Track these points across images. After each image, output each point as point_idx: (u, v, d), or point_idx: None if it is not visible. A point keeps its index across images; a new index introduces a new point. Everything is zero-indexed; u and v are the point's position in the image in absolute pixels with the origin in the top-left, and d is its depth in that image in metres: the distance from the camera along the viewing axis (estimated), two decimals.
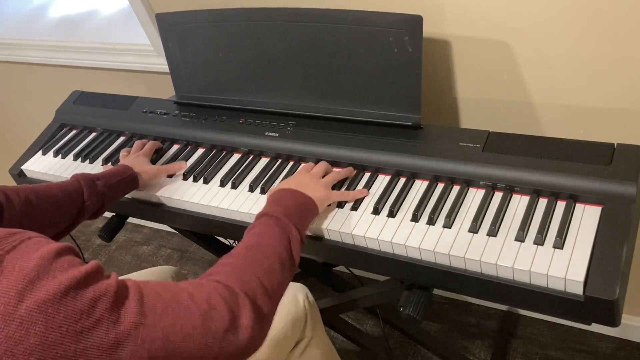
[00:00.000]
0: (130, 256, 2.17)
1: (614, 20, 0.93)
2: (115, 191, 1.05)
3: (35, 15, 2.01)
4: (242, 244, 0.77)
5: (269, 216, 0.83)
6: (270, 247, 0.76)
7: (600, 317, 0.75)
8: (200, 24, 1.18)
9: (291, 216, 0.83)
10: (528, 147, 0.92)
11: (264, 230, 0.80)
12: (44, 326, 0.52)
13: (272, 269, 0.74)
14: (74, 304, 0.54)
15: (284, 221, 0.81)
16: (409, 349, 1.60)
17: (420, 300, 0.89)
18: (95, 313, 0.55)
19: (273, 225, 0.81)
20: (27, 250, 0.55)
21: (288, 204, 0.86)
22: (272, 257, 0.75)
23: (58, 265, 0.56)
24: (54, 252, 0.57)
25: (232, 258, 0.74)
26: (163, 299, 0.61)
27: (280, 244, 0.78)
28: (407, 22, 0.97)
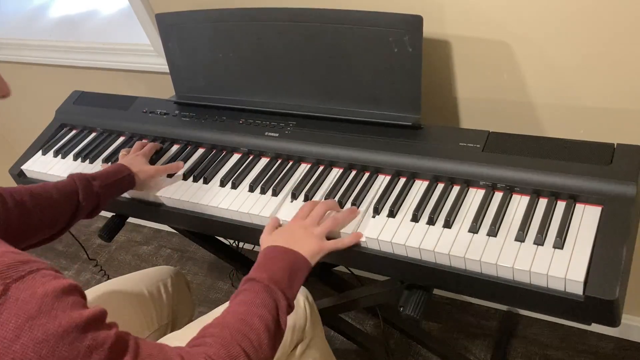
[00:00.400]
0: (130, 256, 2.17)
1: (613, 20, 0.93)
2: (111, 191, 1.05)
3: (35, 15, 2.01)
4: (227, 313, 0.75)
5: (256, 282, 0.80)
6: (257, 319, 0.74)
7: (600, 317, 0.75)
8: (200, 24, 1.18)
9: (280, 282, 0.80)
10: (528, 147, 0.92)
11: (250, 299, 0.77)
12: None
13: (259, 343, 0.72)
14: (70, 349, 0.53)
15: (272, 288, 0.79)
16: (409, 349, 1.60)
17: (420, 300, 0.89)
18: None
19: (260, 292, 0.78)
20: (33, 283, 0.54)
21: (277, 266, 0.83)
22: (259, 330, 0.73)
23: (61, 305, 0.55)
24: (59, 291, 0.56)
25: (217, 328, 0.71)
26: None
27: (267, 315, 0.75)
28: (407, 22, 0.97)
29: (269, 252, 0.86)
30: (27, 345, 0.51)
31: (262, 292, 0.78)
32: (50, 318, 0.53)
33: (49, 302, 0.54)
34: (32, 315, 0.52)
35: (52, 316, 0.53)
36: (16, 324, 0.51)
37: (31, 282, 0.54)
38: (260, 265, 0.84)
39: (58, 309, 0.54)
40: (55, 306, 0.54)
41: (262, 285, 0.79)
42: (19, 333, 0.51)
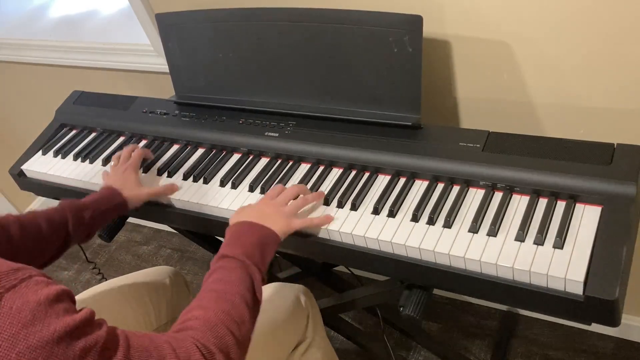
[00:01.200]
0: (130, 256, 2.17)
1: (613, 20, 0.93)
2: (102, 220, 1.03)
3: (35, 15, 2.01)
4: (205, 293, 0.76)
5: (229, 258, 0.81)
6: (236, 295, 0.75)
7: (600, 317, 0.75)
8: (200, 24, 1.18)
9: (251, 255, 0.82)
10: (528, 147, 0.92)
11: (227, 276, 0.78)
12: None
13: (241, 318, 0.73)
14: (65, 353, 0.55)
15: (247, 263, 0.80)
16: (409, 349, 1.60)
17: (420, 300, 0.89)
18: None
19: (235, 268, 0.79)
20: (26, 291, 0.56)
21: (248, 240, 0.85)
22: (240, 306, 0.74)
23: (54, 312, 0.56)
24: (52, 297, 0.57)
25: (201, 310, 0.72)
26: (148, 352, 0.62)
27: (245, 289, 0.77)
28: (407, 22, 0.97)
29: (239, 227, 0.88)
30: (24, 353, 0.52)
31: (237, 268, 0.79)
32: (44, 325, 0.54)
33: (42, 310, 0.55)
34: (26, 323, 0.53)
35: (47, 323, 0.55)
36: (11, 333, 0.52)
37: (24, 291, 0.56)
38: (231, 240, 0.85)
39: (51, 316, 0.55)
40: (48, 313, 0.56)
41: (237, 261, 0.80)
42: (15, 341, 0.52)
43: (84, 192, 1.21)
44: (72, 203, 1.00)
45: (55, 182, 1.26)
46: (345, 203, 0.97)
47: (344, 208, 0.96)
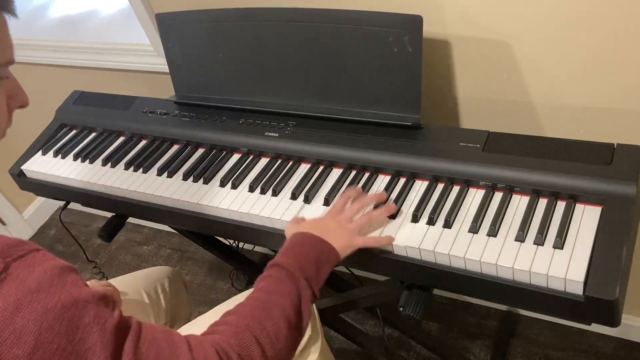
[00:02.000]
0: (130, 256, 2.17)
1: (614, 20, 0.93)
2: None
3: (35, 15, 2.01)
4: (247, 300, 0.73)
5: (280, 268, 0.77)
6: (278, 308, 0.71)
7: (600, 317, 0.75)
8: (200, 24, 1.18)
9: (305, 269, 0.77)
10: (528, 147, 0.92)
11: (273, 286, 0.74)
12: (35, 338, 0.52)
13: (276, 333, 0.69)
14: (70, 324, 0.54)
15: (297, 276, 0.75)
16: (409, 349, 1.60)
17: (420, 300, 0.89)
18: (89, 339, 0.55)
19: (284, 280, 0.75)
20: (33, 262, 0.56)
21: (305, 252, 0.79)
22: (278, 319, 0.70)
23: (61, 282, 0.56)
24: (59, 268, 0.57)
25: (236, 315, 0.70)
26: (159, 347, 0.60)
27: (289, 304, 0.72)
28: (407, 22, 0.97)
29: (298, 238, 0.83)
30: (27, 319, 0.52)
31: (285, 279, 0.75)
32: (49, 294, 0.54)
33: (49, 279, 0.55)
34: (31, 290, 0.53)
35: (52, 292, 0.54)
36: (16, 298, 0.52)
37: (31, 260, 0.56)
38: (287, 250, 0.81)
39: (57, 286, 0.55)
40: (55, 282, 0.55)
41: (287, 272, 0.76)
42: (19, 306, 0.52)
43: (84, 192, 1.21)
44: None
45: (55, 182, 1.26)
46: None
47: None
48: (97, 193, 1.19)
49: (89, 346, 0.55)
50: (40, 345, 0.52)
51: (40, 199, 2.44)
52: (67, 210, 1.34)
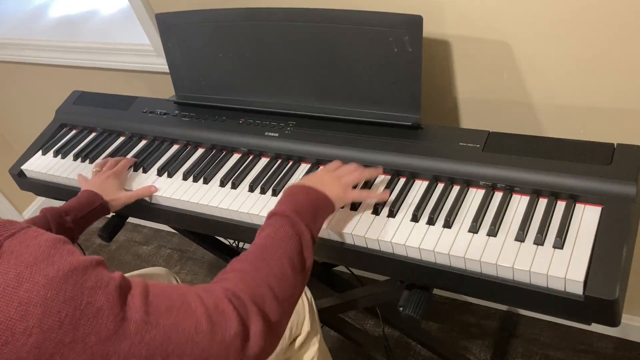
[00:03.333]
0: (130, 256, 2.17)
1: (614, 20, 0.93)
2: (84, 223, 1.04)
3: (35, 15, 2.01)
4: (252, 247, 0.75)
5: (279, 215, 0.80)
6: (280, 251, 0.74)
7: (600, 317, 0.75)
8: (200, 24, 1.18)
9: (302, 214, 0.80)
10: (528, 147, 0.92)
11: (274, 232, 0.77)
12: (42, 309, 0.53)
13: (282, 274, 0.71)
14: (74, 290, 0.55)
15: (295, 220, 0.78)
16: (409, 349, 1.60)
17: (420, 300, 0.89)
18: (96, 302, 0.55)
19: (284, 225, 0.78)
20: (25, 237, 0.57)
21: (300, 200, 0.83)
22: (282, 262, 0.73)
23: (57, 252, 0.57)
24: (52, 241, 0.58)
25: (242, 263, 0.72)
26: (169, 298, 0.61)
27: (291, 247, 0.75)
28: (407, 22, 0.97)
29: (293, 189, 0.86)
30: (31, 290, 0.53)
31: (285, 225, 0.78)
32: (48, 264, 0.55)
33: (44, 251, 0.56)
34: (29, 263, 0.54)
35: (50, 262, 0.55)
36: (16, 272, 0.53)
37: (23, 237, 0.57)
38: (284, 200, 0.84)
39: (55, 256, 0.56)
40: (51, 253, 0.56)
41: (286, 218, 0.78)
42: (20, 280, 0.53)
43: None
44: (53, 210, 1.00)
45: (55, 182, 1.26)
46: None
47: (344, 208, 0.96)
48: None
49: (97, 308, 0.55)
50: (49, 314, 0.53)
51: (40, 198, 2.44)
52: None
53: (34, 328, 0.52)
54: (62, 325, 0.53)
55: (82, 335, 0.54)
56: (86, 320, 0.54)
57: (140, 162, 1.19)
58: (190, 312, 0.61)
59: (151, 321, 0.58)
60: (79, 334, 0.54)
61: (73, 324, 0.54)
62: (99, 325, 0.55)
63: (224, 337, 0.61)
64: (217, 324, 0.61)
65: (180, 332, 0.59)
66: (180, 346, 0.59)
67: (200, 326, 0.60)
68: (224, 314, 0.62)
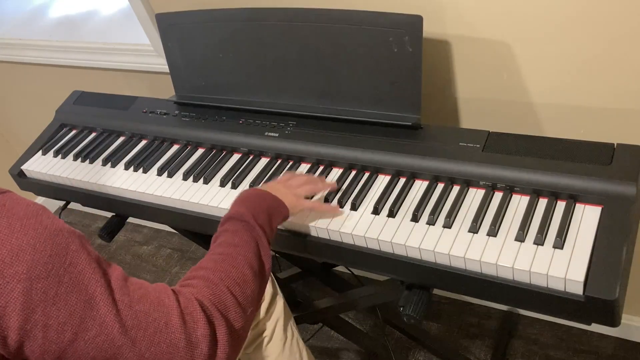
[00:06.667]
0: (130, 256, 2.17)
1: (613, 20, 0.93)
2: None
3: (35, 15, 2.01)
4: (209, 255, 0.75)
5: (235, 220, 0.80)
6: (240, 257, 0.74)
7: (600, 317, 0.75)
8: (200, 24, 1.18)
9: (258, 217, 0.81)
10: (528, 147, 0.92)
11: (232, 238, 0.77)
12: (31, 256, 0.56)
13: (243, 281, 0.72)
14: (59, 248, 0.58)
15: (251, 223, 0.79)
16: (409, 349, 1.60)
17: (420, 300, 0.89)
18: (78, 264, 0.58)
19: (240, 230, 0.78)
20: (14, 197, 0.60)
21: (255, 203, 0.83)
22: (243, 268, 0.73)
23: (45, 214, 0.60)
24: (39, 205, 0.61)
25: (202, 270, 0.72)
26: (145, 289, 0.64)
27: (249, 252, 0.76)
28: (407, 22, 0.97)
29: (248, 192, 0.87)
30: (22, 239, 0.56)
31: (242, 229, 0.78)
32: (37, 220, 0.58)
33: (34, 210, 0.59)
34: (21, 216, 0.57)
35: (39, 219, 0.58)
36: (8, 222, 0.57)
37: (12, 195, 0.60)
38: (238, 202, 0.84)
39: (43, 215, 0.59)
40: (39, 212, 0.59)
41: (241, 222, 0.79)
42: (12, 229, 0.56)
43: (84, 192, 1.21)
44: None
45: (55, 182, 1.26)
46: (345, 203, 0.97)
47: (344, 208, 0.96)
48: (97, 193, 1.19)
49: (79, 271, 0.58)
50: (37, 263, 0.56)
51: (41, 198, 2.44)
52: (67, 210, 1.34)
53: (23, 274, 0.55)
54: (48, 276, 0.56)
55: (64, 292, 0.57)
56: (69, 278, 0.57)
57: (140, 162, 1.19)
58: (162, 306, 0.63)
59: (126, 301, 0.61)
60: (62, 290, 0.57)
61: (57, 278, 0.57)
62: (80, 287, 0.58)
63: (193, 336, 0.63)
64: (187, 322, 0.63)
65: (151, 321, 0.61)
66: (150, 335, 0.61)
67: (171, 321, 0.62)
68: (193, 316, 0.64)
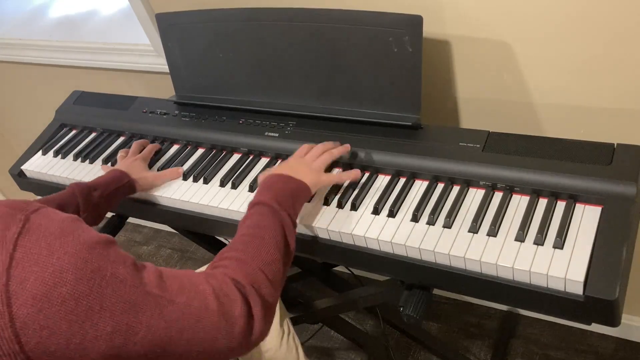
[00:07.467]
0: None
1: (613, 20, 0.93)
2: (111, 200, 1.06)
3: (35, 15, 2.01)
4: (238, 237, 0.79)
5: (261, 205, 0.84)
6: (267, 238, 0.78)
7: (600, 317, 0.75)
8: (200, 24, 1.18)
9: (283, 202, 0.84)
10: (528, 147, 0.92)
11: (258, 221, 0.81)
12: (74, 276, 0.56)
13: (272, 259, 0.76)
14: (99, 260, 0.59)
15: (276, 208, 0.83)
16: (409, 349, 1.60)
17: (420, 300, 0.89)
18: (118, 274, 0.59)
19: (267, 214, 0.82)
20: (47, 213, 0.60)
21: (279, 189, 0.87)
22: (270, 248, 0.77)
23: (79, 227, 0.60)
24: (72, 218, 0.62)
25: (234, 252, 0.76)
26: (179, 280, 0.65)
27: (276, 234, 0.80)
28: (407, 22, 0.97)
29: (271, 178, 0.90)
30: (62, 259, 0.56)
31: (268, 214, 0.82)
32: (75, 236, 0.59)
33: (68, 225, 0.60)
34: (57, 235, 0.58)
35: (76, 235, 0.59)
36: (47, 243, 0.57)
37: (47, 212, 0.60)
38: (263, 189, 0.88)
39: (78, 229, 0.60)
40: (74, 227, 0.60)
41: (268, 207, 0.83)
42: (52, 250, 0.56)
43: None
44: (80, 185, 1.02)
45: (55, 182, 1.26)
46: (345, 203, 0.97)
47: (344, 208, 0.96)
48: None
49: (120, 280, 0.59)
50: (80, 282, 0.56)
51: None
52: None
53: (67, 295, 0.55)
54: (91, 292, 0.57)
55: (109, 304, 0.57)
56: (112, 290, 0.58)
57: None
58: (199, 292, 0.65)
59: (167, 297, 0.62)
60: (107, 303, 0.57)
61: (100, 292, 0.57)
62: (123, 296, 0.59)
63: (231, 315, 0.66)
64: (225, 303, 0.66)
65: (193, 309, 0.64)
66: (193, 323, 0.63)
67: (209, 305, 0.65)
68: (229, 296, 0.67)
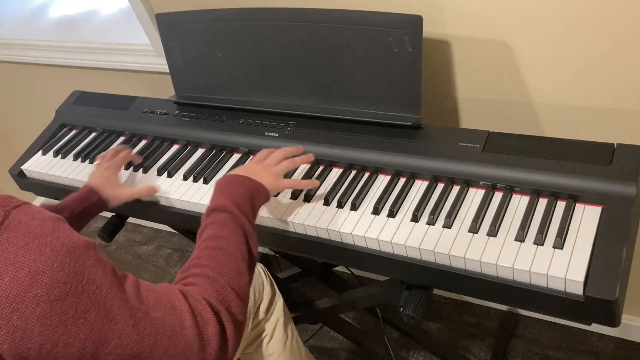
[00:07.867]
0: (130, 256, 2.17)
1: (614, 20, 0.93)
2: (82, 219, 1.04)
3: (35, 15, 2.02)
4: (203, 250, 0.76)
5: (220, 211, 0.81)
6: (232, 250, 0.76)
7: (600, 317, 0.75)
8: (200, 24, 1.18)
9: (242, 206, 0.81)
10: (528, 147, 0.92)
11: (221, 231, 0.78)
12: (50, 278, 0.55)
13: (238, 272, 0.74)
14: (77, 265, 0.57)
15: (236, 213, 0.80)
16: (409, 349, 1.60)
17: (420, 300, 0.89)
18: (95, 280, 0.58)
19: (228, 222, 0.79)
20: (29, 210, 0.59)
21: (237, 191, 0.84)
22: (236, 260, 0.75)
23: (60, 228, 0.59)
24: (54, 218, 0.60)
25: (200, 268, 0.73)
26: (156, 294, 0.64)
27: (239, 242, 0.77)
28: (407, 22, 0.97)
29: (227, 179, 0.87)
30: (39, 260, 0.55)
31: (228, 220, 0.79)
32: (54, 237, 0.57)
33: (49, 225, 0.58)
34: (37, 234, 0.57)
35: (55, 236, 0.58)
36: (25, 242, 0.56)
37: (28, 209, 0.59)
38: (219, 192, 0.84)
39: (58, 231, 0.58)
40: (55, 227, 0.59)
41: (227, 213, 0.80)
42: (29, 249, 0.55)
43: None
44: (49, 206, 0.99)
45: (55, 182, 1.26)
46: (345, 203, 0.97)
47: (343, 208, 0.96)
48: None
49: (97, 286, 0.58)
50: (56, 285, 0.55)
51: (40, 198, 2.44)
52: None
53: (42, 297, 0.54)
54: (66, 297, 0.56)
55: (83, 310, 0.56)
56: (87, 296, 0.57)
57: (140, 162, 1.19)
58: (175, 309, 0.64)
59: (143, 309, 0.61)
60: (81, 309, 0.56)
61: (76, 297, 0.56)
62: (98, 303, 0.58)
63: (205, 335, 0.65)
64: (199, 323, 0.65)
65: (167, 326, 0.62)
66: (166, 339, 0.62)
67: (185, 323, 0.63)
68: (203, 315, 0.66)
